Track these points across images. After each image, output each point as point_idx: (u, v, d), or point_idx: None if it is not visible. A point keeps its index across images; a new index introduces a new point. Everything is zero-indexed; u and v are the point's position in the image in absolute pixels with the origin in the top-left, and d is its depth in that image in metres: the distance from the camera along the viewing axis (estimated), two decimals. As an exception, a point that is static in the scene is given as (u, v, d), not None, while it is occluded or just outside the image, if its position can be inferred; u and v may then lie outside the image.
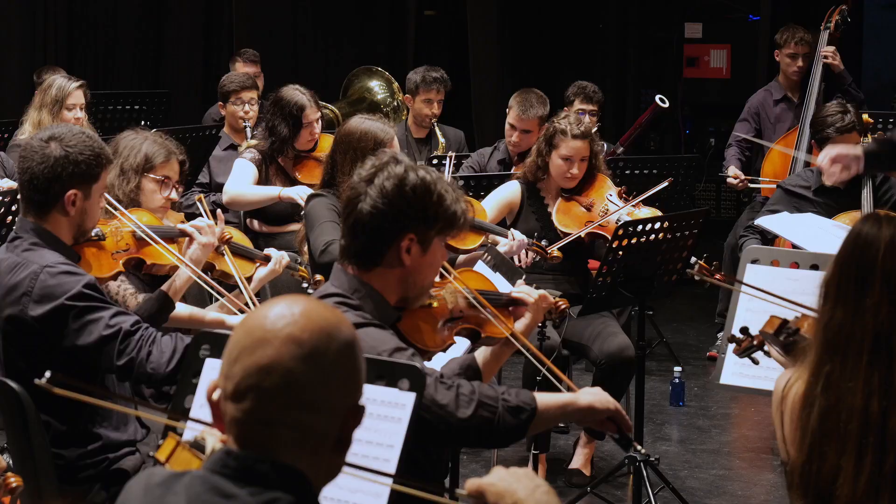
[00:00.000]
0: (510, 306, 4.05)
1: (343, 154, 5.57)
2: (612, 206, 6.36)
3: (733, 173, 8.47)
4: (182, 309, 4.82)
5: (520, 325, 4.01)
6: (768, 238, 6.64)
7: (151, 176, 5.07)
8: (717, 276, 6.29)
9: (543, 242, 6.05)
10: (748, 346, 3.91)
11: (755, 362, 3.96)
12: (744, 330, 3.92)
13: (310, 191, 6.31)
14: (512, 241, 6.01)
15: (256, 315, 2.39)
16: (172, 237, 4.81)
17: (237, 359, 2.35)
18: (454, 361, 3.98)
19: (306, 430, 2.34)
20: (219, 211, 5.27)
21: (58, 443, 4.17)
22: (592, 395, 3.61)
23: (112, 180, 4.99)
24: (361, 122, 5.63)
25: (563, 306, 4.15)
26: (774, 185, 7.65)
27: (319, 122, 7.06)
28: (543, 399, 3.53)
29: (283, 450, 2.34)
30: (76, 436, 4.21)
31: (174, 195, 5.13)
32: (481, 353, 3.98)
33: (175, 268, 4.72)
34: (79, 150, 4.19)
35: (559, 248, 6.14)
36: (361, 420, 2.41)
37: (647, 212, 6.40)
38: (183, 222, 5.00)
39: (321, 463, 2.38)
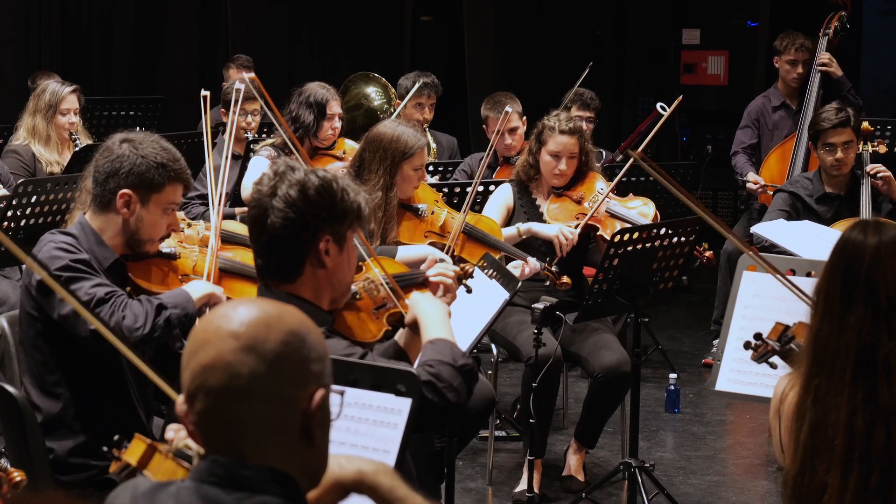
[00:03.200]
0: (426, 285, 4.22)
1: (372, 153, 5.75)
2: (602, 196, 6.38)
3: (753, 178, 8.38)
4: None
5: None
6: (765, 246, 6.63)
7: None
8: (708, 255, 6.36)
9: (554, 268, 6.02)
10: (764, 352, 3.89)
11: (773, 367, 3.95)
12: (758, 336, 3.90)
13: None
14: (525, 266, 5.96)
15: (202, 321, 2.42)
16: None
17: (186, 365, 2.38)
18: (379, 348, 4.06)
19: (261, 423, 2.34)
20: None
21: (49, 433, 4.19)
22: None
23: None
24: (396, 127, 5.82)
25: (469, 270, 4.28)
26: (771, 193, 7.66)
27: (341, 120, 7.10)
28: None
29: (247, 447, 2.34)
30: (69, 426, 4.22)
31: None
32: (402, 336, 4.00)
33: None
34: (142, 154, 4.23)
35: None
36: (323, 410, 2.40)
37: (639, 203, 6.47)
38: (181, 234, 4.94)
39: (293, 458, 2.37)
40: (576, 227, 6.26)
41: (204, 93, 5.32)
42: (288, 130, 6.33)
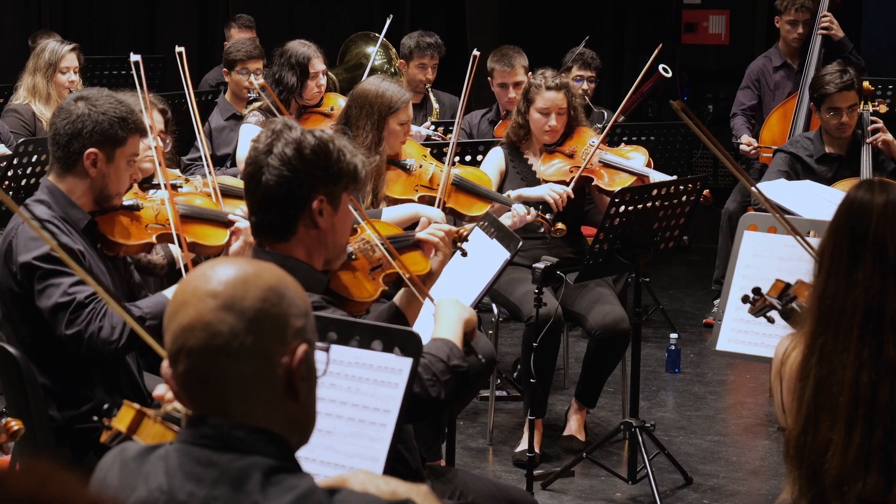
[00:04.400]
0: (419, 246, 4.25)
1: (359, 109, 5.79)
2: (594, 148, 6.40)
3: (746, 140, 8.38)
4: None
5: (435, 262, 4.18)
6: (761, 207, 6.62)
7: None
8: (705, 193, 6.35)
9: (548, 216, 6.04)
10: (762, 306, 3.91)
11: (771, 321, 3.96)
12: (756, 290, 3.92)
13: None
14: (515, 214, 5.99)
15: (181, 283, 2.41)
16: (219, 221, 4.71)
17: (167, 328, 2.37)
18: (376, 309, 4.08)
19: (244, 381, 2.33)
20: None
21: (50, 403, 4.17)
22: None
23: None
24: (380, 83, 5.86)
25: (465, 233, 4.28)
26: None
27: (325, 76, 7.08)
28: None
29: (232, 405, 2.33)
30: (68, 396, 4.21)
31: (158, 142, 5.09)
32: (401, 296, 4.05)
33: (217, 251, 4.66)
34: (102, 111, 4.22)
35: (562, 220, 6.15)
36: (307, 365, 2.38)
37: (631, 151, 6.53)
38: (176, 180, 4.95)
39: (280, 416, 2.35)
40: (568, 183, 6.29)
41: (179, 49, 5.29)
42: (273, 95, 6.33)
